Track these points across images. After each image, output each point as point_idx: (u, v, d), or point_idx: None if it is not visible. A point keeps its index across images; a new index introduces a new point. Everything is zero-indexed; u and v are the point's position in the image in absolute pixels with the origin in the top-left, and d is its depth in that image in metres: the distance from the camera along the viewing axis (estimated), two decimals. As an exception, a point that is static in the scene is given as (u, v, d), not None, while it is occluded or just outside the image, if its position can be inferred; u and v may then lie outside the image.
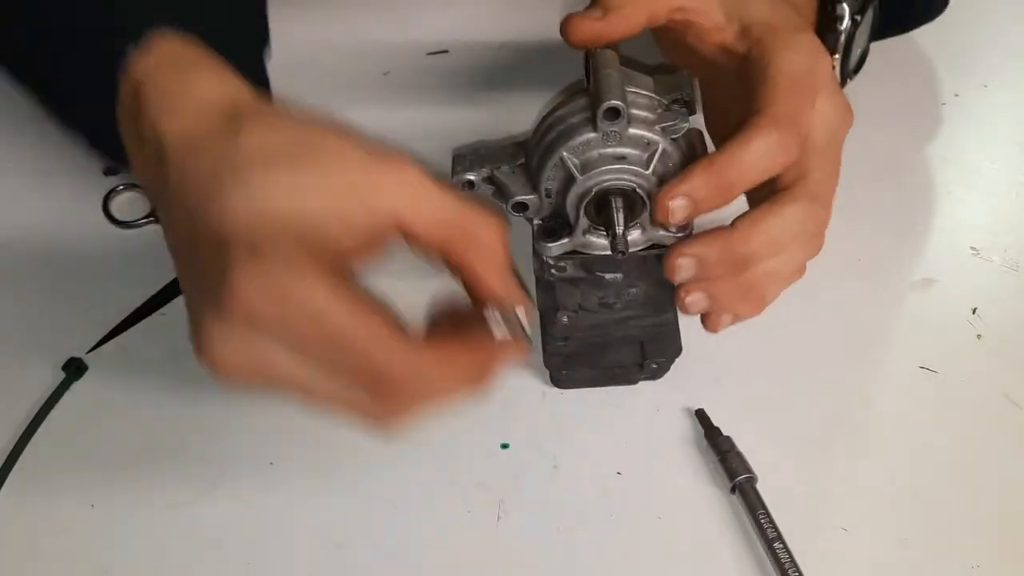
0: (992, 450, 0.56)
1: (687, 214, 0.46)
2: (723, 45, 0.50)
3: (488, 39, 0.71)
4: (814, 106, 0.47)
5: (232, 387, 0.41)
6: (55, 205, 0.64)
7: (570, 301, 0.52)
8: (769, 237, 0.46)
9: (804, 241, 0.48)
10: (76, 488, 0.54)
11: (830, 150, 0.48)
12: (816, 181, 0.47)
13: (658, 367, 0.56)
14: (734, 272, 0.47)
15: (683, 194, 0.45)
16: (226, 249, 0.38)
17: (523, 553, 0.52)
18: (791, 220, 0.47)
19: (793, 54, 0.47)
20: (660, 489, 0.54)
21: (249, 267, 0.38)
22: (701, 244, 0.47)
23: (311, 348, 0.40)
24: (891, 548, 0.52)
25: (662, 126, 0.46)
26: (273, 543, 0.52)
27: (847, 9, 0.57)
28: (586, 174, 0.46)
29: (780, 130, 0.45)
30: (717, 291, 0.48)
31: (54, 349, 0.58)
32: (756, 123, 0.45)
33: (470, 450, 0.55)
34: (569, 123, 0.46)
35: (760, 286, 0.48)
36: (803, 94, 0.47)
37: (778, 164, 0.46)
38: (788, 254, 0.48)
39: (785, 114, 0.46)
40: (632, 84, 0.46)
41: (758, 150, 0.45)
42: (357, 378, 0.41)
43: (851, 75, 0.61)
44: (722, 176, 0.45)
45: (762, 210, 0.47)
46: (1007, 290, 0.62)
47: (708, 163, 0.45)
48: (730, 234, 0.46)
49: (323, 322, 0.39)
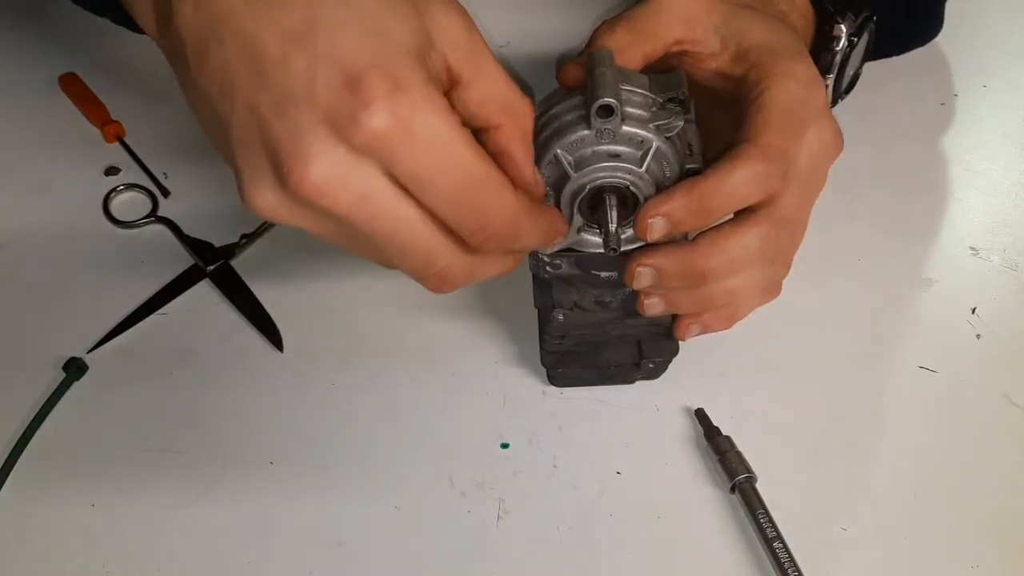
0: (991, 450, 0.56)
1: (664, 233, 0.46)
2: (719, 71, 0.50)
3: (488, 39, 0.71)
4: (804, 138, 0.47)
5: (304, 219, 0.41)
6: (55, 205, 0.64)
7: (566, 299, 0.52)
8: (728, 257, 0.47)
9: (763, 263, 0.49)
10: (76, 488, 0.54)
11: (810, 177, 0.48)
12: (786, 206, 0.48)
13: (655, 367, 0.56)
14: (691, 285, 0.48)
15: (663, 214, 0.46)
16: (363, 76, 0.38)
17: (523, 553, 0.52)
18: (752, 242, 0.48)
19: (788, 83, 0.48)
20: (659, 489, 0.54)
21: (394, 97, 0.38)
22: (660, 256, 0.48)
23: (436, 186, 0.40)
24: (891, 548, 0.52)
25: (656, 124, 0.46)
26: (273, 543, 0.52)
27: (844, 30, 0.57)
28: (580, 171, 0.46)
29: (767, 162, 0.46)
30: (676, 300, 0.50)
31: (54, 349, 0.58)
32: (744, 152, 0.46)
33: (470, 450, 0.55)
34: (563, 120, 0.46)
35: (719, 301, 0.50)
36: (794, 126, 0.47)
37: (760, 193, 0.47)
38: (747, 274, 0.49)
39: (774, 146, 0.46)
40: (627, 82, 0.46)
41: (742, 179, 0.46)
42: (465, 220, 0.42)
43: (842, 96, 0.62)
44: (703, 201, 0.46)
45: (724, 230, 0.48)
46: (1007, 290, 0.62)
47: (691, 187, 0.46)
48: (689, 249, 0.47)
49: (454, 162, 0.40)
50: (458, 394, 0.57)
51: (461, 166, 0.40)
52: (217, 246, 0.62)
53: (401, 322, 0.59)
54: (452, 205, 0.41)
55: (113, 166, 0.66)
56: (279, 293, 0.61)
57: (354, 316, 0.60)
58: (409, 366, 0.58)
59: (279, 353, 0.59)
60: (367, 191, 0.40)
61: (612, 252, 0.47)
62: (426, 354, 0.58)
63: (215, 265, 0.62)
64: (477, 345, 0.59)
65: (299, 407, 0.57)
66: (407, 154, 0.39)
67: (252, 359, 0.58)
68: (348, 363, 0.58)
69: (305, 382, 0.58)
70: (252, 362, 0.58)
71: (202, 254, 0.62)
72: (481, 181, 0.41)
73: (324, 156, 0.39)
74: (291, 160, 0.39)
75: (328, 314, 0.60)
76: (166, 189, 0.65)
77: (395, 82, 0.38)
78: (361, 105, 0.38)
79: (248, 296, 0.61)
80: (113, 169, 0.66)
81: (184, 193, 0.65)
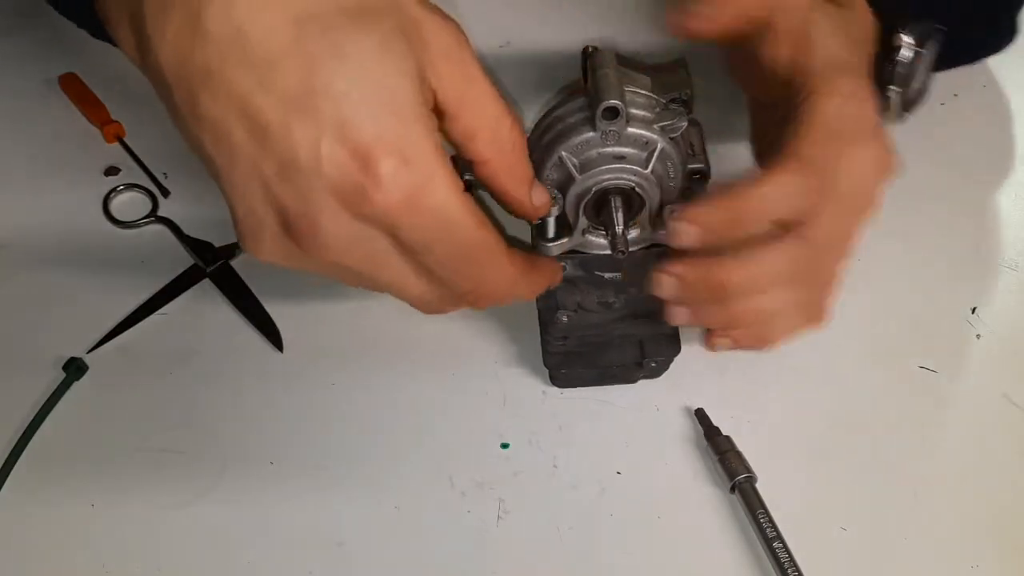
0: (991, 450, 0.56)
1: (694, 240, 0.45)
2: (791, 58, 0.48)
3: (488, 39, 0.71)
4: (847, 155, 0.45)
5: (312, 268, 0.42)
6: (55, 205, 0.64)
7: (569, 300, 0.52)
8: (750, 274, 0.46)
9: (795, 285, 0.47)
10: (76, 488, 0.54)
11: (852, 197, 0.46)
12: (821, 225, 0.45)
13: (657, 366, 0.56)
14: (715, 299, 0.47)
15: (692, 219, 0.44)
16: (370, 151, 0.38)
17: (523, 553, 0.52)
18: (779, 260, 0.46)
19: (838, 99, 0.46)
20: (659, 489, 0.54)
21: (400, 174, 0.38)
22: (684, 266, 0.46)
23: (434, 253, 0.41)
24: (891, 548, 0.52)
25: (660, 125, 0.46)
26: (273, 543, 0.52)
27: (907, 39, 0.54)
28: (585, 173, 0.46)
29: (802, 176, 0.44)
30: (702, 313, 0.48)
31: (54, 349, 0.58)
32: (782, 164, 0.45)
33: (470, 450, 0.55)
34: (568, 123, 0.46)
35: (747, 319, 0.48)
36: (836, 142, 0.45)
37: (792, 209, 0.45)
38: (777, 294, 0.47)
39: (814, 160, 0.45)
40: (630, 83, 0.46)
41: (775, 190, 0.44)
42: (460, 284, 0.43)
43: (909, 110, 0.57)
44: (734, 211, 0.45)
45: (751, 245, 0.46)
46: (1007, 290, 0.62)
47: (724, 194, 0.44)
48: (713, 262, 0.46)
49: (460, 233, 0.41)
50: (458, 394, 0.57)
51: (460, 236, 0.41)
52: (217, 246, 0.62)
53: (401, 322, 0.59)
54: (450, 270, 0.42)
55: (113, 166, 0.66)
56: (279, 293, 0.60)
57: (354, 316, 0.60)
58: (409, 366, 0.58)
59: (279, 353, 0.59)
60: (371, 252, 0.41)
61: (620, 254, 0.47)
62: (426, 354, 0.58)
63: (215, 265, 0.61)
64: (477, 345, 0.59)
65: (299, 407, 0.57)
66: (409, 223, 0.40)
67: (252, 359, 0.58)
68: (348, 363, 0.58)
69: (305, 382, 0.58)
70: (252, 362, 0.58)
71: (202, 254, 0.62)
72: (478, 249, 0.42)
73: (332, 222, 0.40)
74: (299, 220, 0.40)
75: (328, 314, 0.60)
76: (166, 189, 0.65)
77: (403, 156, 0.38)
78: (371, 182, 0.38)
79: (248, 296, 0.61)
80: (113, 169, 0.66)
81: (184, 193, 0.65)
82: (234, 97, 0.38)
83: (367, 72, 0.38)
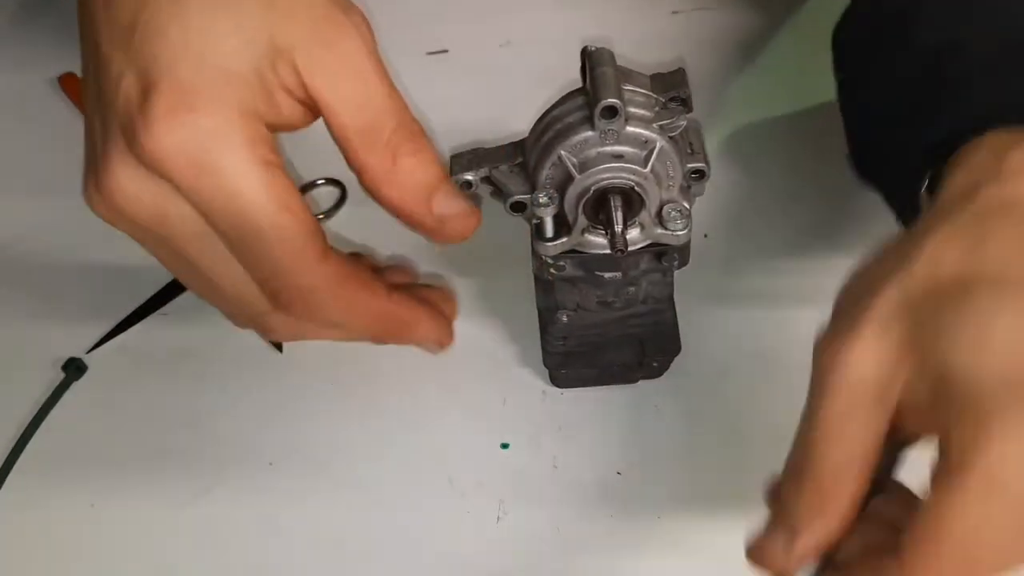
0: (992, 449, 0.55)
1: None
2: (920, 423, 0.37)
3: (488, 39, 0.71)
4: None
5: (118, 224, 0.40)
6: (55, 205, 0.64)
7: (569, 300, 0.52)
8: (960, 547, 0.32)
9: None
10: (76, 488, 0.54)
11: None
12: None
13: (658, 366, 0.56)
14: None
15: None
16: (154, 87, 0.36)
17: (523, 553, 0.52)
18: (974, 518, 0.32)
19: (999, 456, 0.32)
20: (659, 489, 0.54)
21: (177, 116, 0.35)
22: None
23: (220, 224, 0.37)
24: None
25: (660, 124, 0.46)
26: (273, 543, 0.52)
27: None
28: (584, 173, 0.46)
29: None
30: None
31: (54, 349, 0.58)
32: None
33: (470, 450, 0.55)
34: (566, 122, 0.46)
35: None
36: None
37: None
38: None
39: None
40: (629, 82, 0.46)
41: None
42: (256, 271, 0.38)
43: None
44: None
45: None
46: None
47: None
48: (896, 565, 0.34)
49: (239, 204, 0.36)
50: (458, 394, 0.57)
51: (250, 212, 0.37)
52: (217, 246, 0.62)
53: (401, 322, 0.59)
54: (241, 249, 0.38)
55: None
56: (279, 293, 0.60)
57: (354, 316, 0.60)
58: (409, 366, 0.58)
59: (279, 353, 0.59)
60: (162, 210, 0.38)
61: (619, 253, 0.47)
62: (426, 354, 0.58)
63: (215, 265, 0.61)
64: (477, 345, 0.59)
65: (299, 407, 0.57)
66: (190, 184, 0.36)
67: (252, 359, 0.58)
68: (348, 363, 0.58)
69: (305, 382, 0.58)
70: (252, 362, 0.58)
71: (202, 254, 0.62)
72: (273, 231, 0.37)
73: (120, 165, 0.37)
74: (98, 163, 0.38)
75: (328, 314, 0.60)
76: (166, 189, 0.65)
77: (189, 104, 0.35)
78: (142, 120, 0.36)
79: (248, 296, 0.60)
80: (113, 169, 0.66)
81: (184, 193, 0.65)
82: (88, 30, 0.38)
83: (197, 22, 0.36)
